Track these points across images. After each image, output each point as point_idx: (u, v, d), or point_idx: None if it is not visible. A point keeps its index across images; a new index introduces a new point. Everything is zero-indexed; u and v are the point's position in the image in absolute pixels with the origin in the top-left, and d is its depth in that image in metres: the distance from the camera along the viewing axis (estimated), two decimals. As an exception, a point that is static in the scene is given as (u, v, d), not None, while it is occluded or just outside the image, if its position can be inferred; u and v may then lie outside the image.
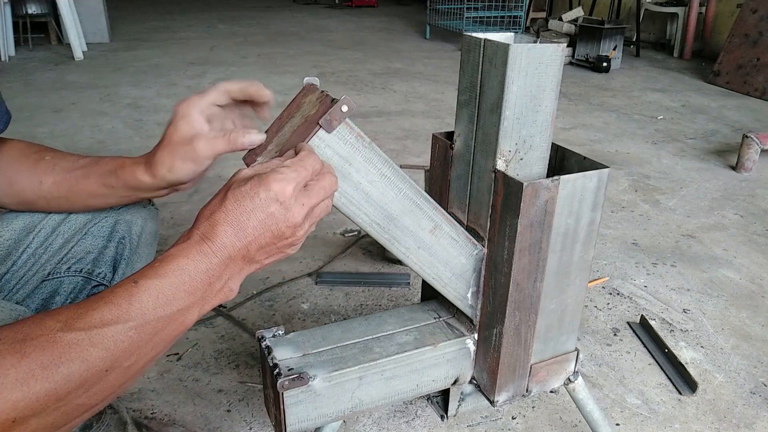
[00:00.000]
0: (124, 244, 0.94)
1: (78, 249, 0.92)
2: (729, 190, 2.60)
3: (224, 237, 0.58)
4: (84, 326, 0.52)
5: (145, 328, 0.55)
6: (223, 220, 0.59)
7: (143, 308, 0.55)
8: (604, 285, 1.81)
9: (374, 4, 9.82)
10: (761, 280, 1.87)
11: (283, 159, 0.66)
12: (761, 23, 4.36)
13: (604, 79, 4.77)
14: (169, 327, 0.57)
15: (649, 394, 1.37)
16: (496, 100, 0.78)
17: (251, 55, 5.31)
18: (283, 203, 0.60)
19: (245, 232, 0.59)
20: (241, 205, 0.59)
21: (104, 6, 5.73)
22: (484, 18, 6.22)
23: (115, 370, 0.54)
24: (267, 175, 0.60)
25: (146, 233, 0.98)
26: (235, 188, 0.60)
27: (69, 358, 0.50)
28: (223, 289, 0.61)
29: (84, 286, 0.93)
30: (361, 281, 1.76)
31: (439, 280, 0.87)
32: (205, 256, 0.58)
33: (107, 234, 0.93)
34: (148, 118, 3.34)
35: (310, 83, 0.77)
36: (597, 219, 0.87)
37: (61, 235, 0.91)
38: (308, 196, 0.62)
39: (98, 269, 0.93)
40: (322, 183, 0.64)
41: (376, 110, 3.66)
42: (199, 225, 0.60)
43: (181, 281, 0.57)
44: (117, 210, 0.94)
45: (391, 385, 0.89)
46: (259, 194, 0.59)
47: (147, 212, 0.99)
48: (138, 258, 0.97)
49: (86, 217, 0.92)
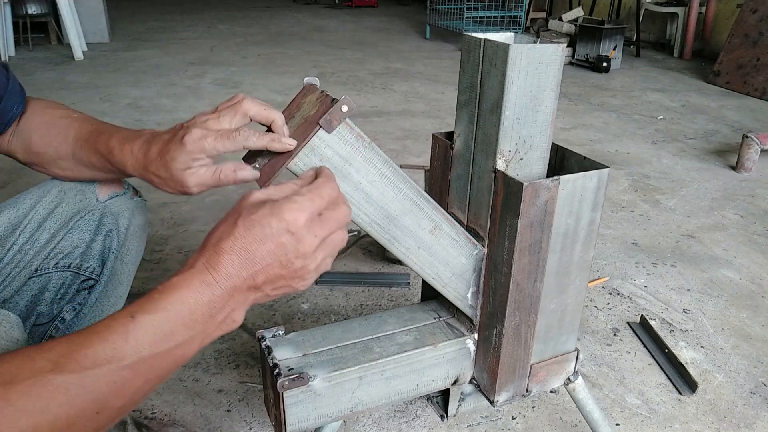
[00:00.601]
0: (112, 237, 0.93)
1: (65, 244, 0.91)
2: (729, 190, 2.60)
3: (230, 266, 0.55)
4: (75, 368, 0.49)
5: (140, 366, 0.53)
6: (230, 249, 0.55)
7: (139, 345, 0.52)
8: (604, 285, 1.81)
9: (374, 4, 9.82)
10: (761, 280, 1.87)
11: (300, 183, 0.62)
12: (761, 23, 4.36)
13: (604, 79, 4.77)
14: (165, 362, 0.55)
15: (649, 394, 1.37)
16: (496, 100, 0.78)
17: (251, 55, 5.31)
18: (295, 234, 0.57)
19: (252, 261, 0.56)
20: (251, 233, 0.56)
21: (104, 6, 5.73)
22: (484, 18, 6.22)
23: (105, 410, 0.52)
24: (280, 204, 0.57)
25: (134, 226, 0.97)
26: (246, 215, 0.56)
27: (57, 403, 0.48)
28: (226, 320, 0.58)
29: (73, 281, 0.92)
30: (361, 281, 1.76)
31: (439, 280, 0.87)
32: (208, 286, 0.55)
33: (94, 228, 0.93)
34: (148, 118, 3.34)
35: (310, 83, 0.77)
36: (597, 219, 0.87)
37: (47, 230, 0.91)
38: (321, 227, 0.59)
39: (86, 263, 0.92)
40: (336, 213, 0.60)
41: (376, 110, 3.66)
42: (205, 252, 0.56)
43: (181, 315, 0.54)
44: (103, 203, 0.93)
45: (391, 385, 0.89)
46: (271, 223, 0.56)
47: (134, 204, 0.98)
48: (127, 251, 0.96)
49: (72, 210, 0.92)
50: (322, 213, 0.59)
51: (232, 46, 5.75)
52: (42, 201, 0.92)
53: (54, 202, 0.92)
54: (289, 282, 0.59)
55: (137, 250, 0.99)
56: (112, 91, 3.94)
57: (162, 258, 1.87)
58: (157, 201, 2.26)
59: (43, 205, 0.91)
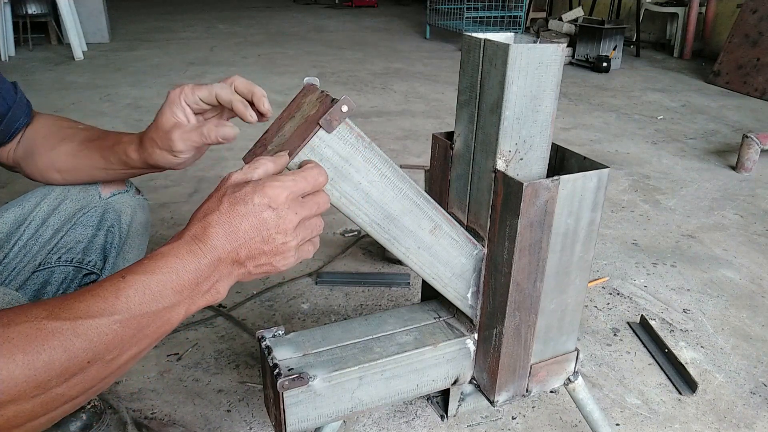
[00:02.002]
0: (114, 233, 0.95)
1: (68, 239, 0.93)
2: (729, 190, 2.60)
3: (215, 238, 0.59)
4: (69, 316, 0.52)
5: (130, 323, 0.55)
6: (216, 222, 0.59)
7: (129, 303, 0.55)
8: (604, 285, 1.81)
9: (374, 4, 9.82)
10: (761, 280, 1.87)
11: (276, 160, 0.66)
12: (761, 23, 4.36)
13: (604, 79, 4.77)
14: (154, 324, 0.57)
15: (649, 394, 1.37)
16: (496, 100, 0.78)
17: (251, 55, 5.31)
18: (276, 210, 0.60)
19: (236, 235, 0.59)
20: (235, 209, 0.59)
21: (104, 6, 5.73)
22: (484, 18, 6.22)
23: (97, 362, 0.54)
24: (264, 182, 0.61)
25: (136, 223, 0.99)
26: (231, 192, 0.60)
27: (51, 346, 0.50)
28: (210, 290, 0.61)
29: (75, 275, 0.94)
30: (361, 281, 1.76)
31: (439, 280, 0.87)
32: (194, 255, 0.58)
33: (96, 223, 0.95)
34: (148, 118, 3.33)
35: (310, 83, 0.77)
36: (597, 219, 0.87)
37: (51, 226, 0.93)
38: (302, 207, 0.63)
39: (88, 258, 0.94)
40: (317, 198, 0.65)
41: (376, 110, 3.66)
42: (192, 226, 0.60)
43: (169, 279, 0.57)
44: (106, 199, 0.96)
45: (391, 385, 0.89)
46: (254, 199, 0.59)
47: (136, 202, 1.00)
48: (129, 248, 0.98)
49: (75, 206, 0.94)
50: (303, 195, 0.64)
51: (232, 46, 5.75)
52: (46, 198, 0.94)
53: (58, 199, 0.94)
54: (270, 259, 0.62)
55: (139, 248, 1.01)
56: (112, 91, 3.94)
57: (162, 258, 1.87)
58: (157, 201, 2.26)
59: (47, 202, 0.94)
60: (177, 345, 1.46)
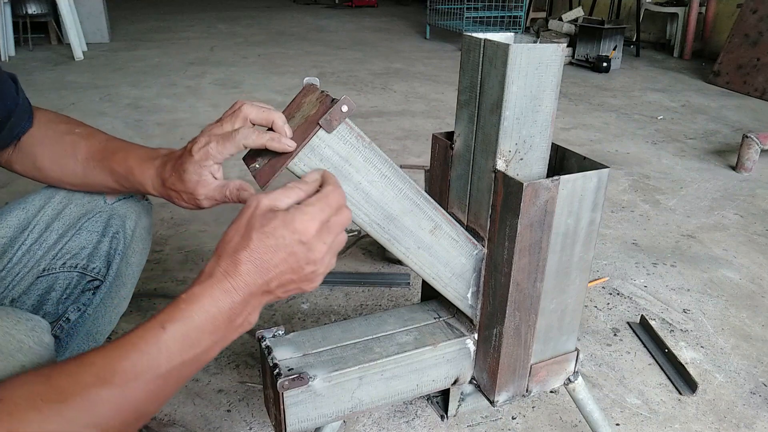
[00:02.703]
0: (118, 239, 0.94)
1: (72, 244, 0.92)
2: (729, 190, 2.60)
3: (247, 275, 0.59)
4: (118, 381, 0.54)
5: (172, 373, 0.57)
6: (247, 259, 0.59)
7: (171, 354, 0.56)
8: (604, 285, 1.81)
9: (374, 4, 9.82)
10: (761, 280, 1.87)
11: (305, 188, 0.65)
12: (761, 23, 4.36)
13: (604, 79, 4.77)
14: (192, 368, 0.59)
15: (649, 394, 1.37)
16: (496, 100, 0.78)
17: (251, 55, 5.31)
18: (306, 243, 0.61)
19: (267, 269, 0.60)
20: (265, 243, 0.59)
21: (104, 6, 5.73)
22: (484, 18, 6.22)
23: (142, 417, 0.57)
24: (292, 215, 0.60)
25: (140, 228, 0.98)
26: (260, 227, 0.60)
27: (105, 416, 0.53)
28: (243, 323, 0.62)
29: (79, 281, 0.93)
30: (361, 281, 1.76)
31: (439, 280, 0.87)
32: (227, 294, 0.59)
33: (101, 229, 0.94)
34: (148, 118, 3.34)
35: (310, 83, 0.77)
36: (597, 219, 0.87)
37: (55, 231, 0.92)
38: (329, 233, 0.63)
39: (92, 264, 0.93)
40: (340, 218, 0.64)
41: (376, 110, 3.66)
42: (221, 261, 0.60)
43: (206, 323, 0.58)
44: (111, 204, 0.95)
45: (391, 385, 0.89)
46: (284, 235, 0.59)
47: (141, 207, 0.99)
48: (132, 252, 0.97)
49: (80, 211, 0.93)
50: (329, 220, 0.63)
51: (232, 46, 5.75)
52: (50, 202, 0.93)
53: (62, 203, 0.93)
54: (299, 285, 0.64)
55: (142, 253, 1.00)
56: (112, 91, 3.94)
57: (162, 258, 1.87)
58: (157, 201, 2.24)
59: (52, 206, 0.93)
60: (177, 345, 1.46)
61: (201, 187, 0.75)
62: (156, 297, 1.65)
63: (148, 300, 1.63)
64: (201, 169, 0.74)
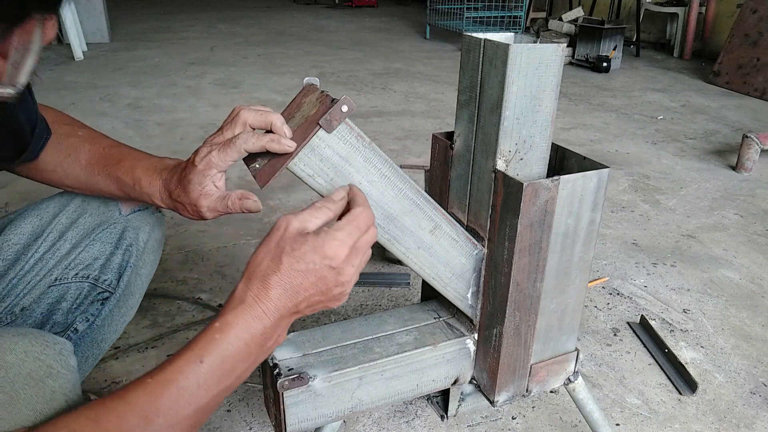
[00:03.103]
0: (131, 252, 0.94)
1: (86, 255, 0.92)
2: (729, 190, 2.60)
3: (278, 300, 0.61)
4: (162, 421, 0.55)
5: (210, 404, 0.59)
6: (278, 284, 0.60)
7: (209, 387, 0.58)
8: (604, 285, 1.81)
9: (374, 4, 9.82)
10: (761, 280, 1.87)
11: (334, 208, 0.66)
12: (761, 23, 4.36)
13: (604, 79, 4.77)
14: (227, 393, 0.61)
15: (649, 394, 1.37)
16: (496, 100, 0.78)
17: (251, 55, 5.31)
18: (336, 268, 0.62)
19: (297, 293, 0.61)
20: (295, 268, 0.60)
21: (104, 6, 5.73)
22: (484, 18, 6.22)
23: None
24: (323, 240, 0.61)
25: (153, 240, 0.98)
26: (290, 251, 0.61)
27: None
28: (273, 345, 0.64)
29: (90, 292, 0.92)
30: (361, 281, 1.76)
31: (439, 280, 0.87)
32: (260, 320, 0.60)
33: (115, 241, 0.93)
34: (148, 118, 3.34)
35: (310, 83, 0.77)
36: (597, 219, 0.87)
37: (68, 241, 0.91)
38: (357, 255, 0.64)
39: (104, 276, 0.93)
40: (368, 238, 0.65)
41: (376, 110, 3.66)
42: (252, 285, 0.61)
43: (240, 351, 0.59)
44: (126, 216, 0.94)
45: (391, 385, 0.89)
46: (315, 260, 0.61)
47: (155, 219, 0.99)
48: (143, 264, 0.97)
49: (95, 222, 0.92)
50: (358, 241, 0.64)
51: (232, 46, 5.75)
52: (65, 210, 0.92)
53: (77, 212, 0.93)
54: (326, 304, 0.65)
55: (152, 264, 1.00)
56: (112, 91, 3.94)
57: (162, 258, 1.86)
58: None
59: (66, 215, 0.92)
60: (177, 345, 1.46)
61: (203, 199, 0.76)
62: (156, 297, 1.65)
63: (148, 300, 1.63)
64: (204, 179, 0.75)
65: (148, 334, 1.50)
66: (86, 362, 0.94)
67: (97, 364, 1.38)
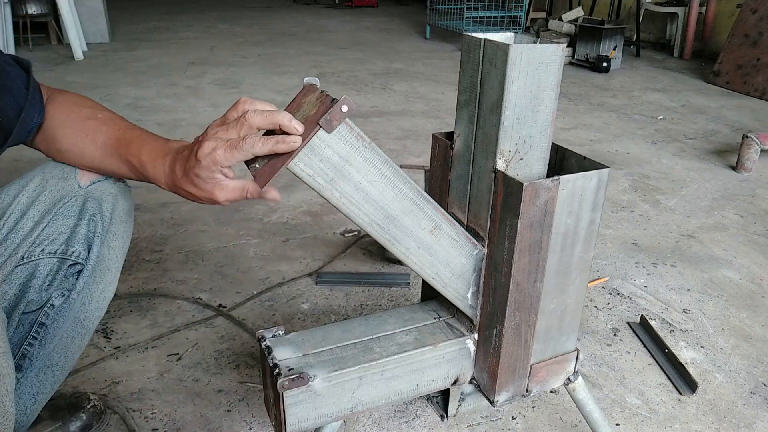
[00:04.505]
0: (96, 221, 0.94)
1: (49, 230, 0.92)
2: (729, 190, 2.60)
3: None
4: None
5: None
6: None
7: None
8: (604, 285, 1.81)
9: (374, 4, 9.82)
10: (761, 280, 1.87)
11: None
12: (761, 23, 4.36)
13: (604, 79, 4.77)
14: None
15: (649, 394, 1.37)
16: (496, 100, 0.78)
17: (251, 55, 5.31)
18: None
19: None
20: None
21: (104, 6, 5.73)
22: (484, 18, 6.22)
23: None
24: None
25: (119, 210, 0.97)
26: None
27: None
28: None
29: (60, 267, 0.93)
30: (361, 281, 1.76)
31: (439, 280, 0.87)
32: None
33: (77, 213, 0.93)
34: (148, 118, 3.34)
35: (310, 83, 0.77)
36: (597, 219, 0.87)
37: (30, 218, 0.92)
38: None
39: (72, 248, 0.93)
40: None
41: (376, 110, 3.66)
42: None
43: None
44: (85, 188, 0.94)
45: (391, 385, 0.89)
46: None
47: (117, 189, 0.98)
48: (113, 236, 0.97)
49: (54, 197, 0.93)
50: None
51: (232, 46, 5.75)
52: (24, 190, 0.93)
53: (36, 190, 0.93)
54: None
55: (124, 236, 0.99)
56: (112, 91, 3.94)
57: (162, 258, 1.87)
58: (157, 201, 2.26)
59: (26, 194, 0.93)
60: (177, 345, 1.46)
61: (219, 191, 0.77)
62: (156, 297, 1.65)
63: (148, 300, 1.63)
64: (213, 173, 0.75)
65: (148, 334, 1.50)
66: (72, 342, 0.94)
67: (96, 364, 1.38)
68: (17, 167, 2.53)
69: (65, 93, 0.92)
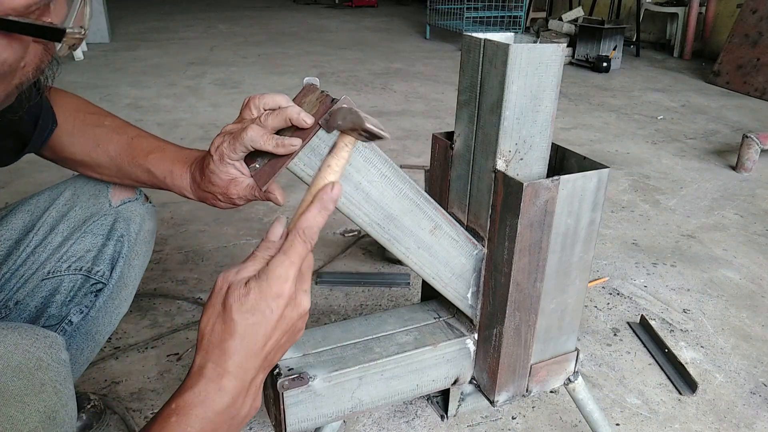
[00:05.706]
0: (123, 242, 0.94)
1: (77, 247, 0.92)
2: (729, 190, 2.60)
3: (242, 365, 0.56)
4: None
5: None
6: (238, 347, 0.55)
7: None
8: (604, 285, 1.81)
9: (374, 4, 9.82)
10: (761, 280, 1.87)
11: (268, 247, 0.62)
12: (761, 23, 4.35)
13: (604, 79, 4.77)
14: None
15: (649, 394, 1.37)
16: (496, 100, 0.78)
17: (251, 55, 5.31)
18: (290, 302, 0.58)
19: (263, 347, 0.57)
20: (251, 323, 0.56)
21: (104, 6, 5.73)
22: (484, 18, 6.22)
23: None
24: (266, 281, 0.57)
25: (144, 231, 0.98)
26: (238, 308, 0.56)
27: None
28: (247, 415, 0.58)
29: (83, 284, 0.93)
30: (361, 281, 1.76)
31: (439, 280, 0.87)
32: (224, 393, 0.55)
33: (106, 232, 0.94)
34: (148, 118, 3.34)
35: (310, 83, 0.77)
36: (597, 219, 0.87)
37: (60, 233, 0.92)
38: (304, 280, 0.60)
39: (97, 267, 0.93)
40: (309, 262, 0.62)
41: (376, 110, 3.66)
42: (210, 356, 0.56)
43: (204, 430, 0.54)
44: (116, 208, 0.95)
45: (391, 385, 0.89)
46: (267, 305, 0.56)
47: (145, 210, 0.99)
48: (135, 255, 0.97)
49: (85, 214, 0.93)
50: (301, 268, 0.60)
51: (232, 46, 5.75)
52: (55, 204, 0.93)
53: (67, 205, 0.93)
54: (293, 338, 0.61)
55: (145, 255, 1.00)
56: (112, 91, 3.94)
57: (162, 258, 1.87)
58: (156, 201, 2.25)
59: (57, 208, 0.92)
60: (177, 345, 1.46)
61: (233, 187, 0.76)
62: (156, 297, 1.65)
63: (148, 300, 1.63)
64: (225, 167, 0.75)
65: (148, 334, 1.50)
66: (82, 355, 0.95)
67: (96, 364, 1.38)
68: (15, 167, 2.52)
69: (62, 95, 0.90)
